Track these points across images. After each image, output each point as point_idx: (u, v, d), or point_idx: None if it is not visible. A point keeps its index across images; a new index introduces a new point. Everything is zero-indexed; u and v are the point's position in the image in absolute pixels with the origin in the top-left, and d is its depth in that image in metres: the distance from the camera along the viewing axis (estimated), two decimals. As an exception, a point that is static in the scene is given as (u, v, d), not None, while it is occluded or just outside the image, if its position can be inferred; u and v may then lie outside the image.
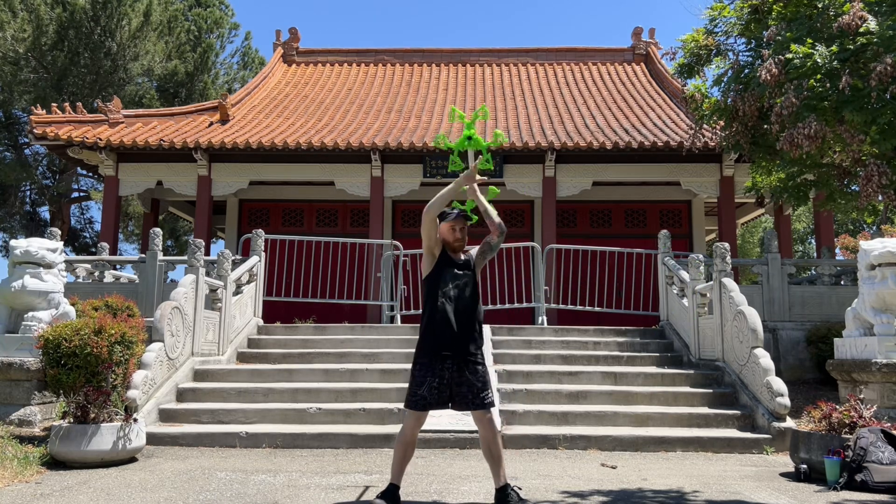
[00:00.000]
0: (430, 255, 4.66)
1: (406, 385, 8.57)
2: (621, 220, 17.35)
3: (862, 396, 6.29)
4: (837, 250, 14.24)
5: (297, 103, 18.91)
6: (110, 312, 9.03)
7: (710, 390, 8.46)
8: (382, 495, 4.55)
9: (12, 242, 7.84)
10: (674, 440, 7.20)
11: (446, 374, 4.51)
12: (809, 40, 7.84)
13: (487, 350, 9.80)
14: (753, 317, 8.14)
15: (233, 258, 10.98)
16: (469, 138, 4.78)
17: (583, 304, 13.19)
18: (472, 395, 4.50)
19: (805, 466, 5.84)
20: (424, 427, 7.17)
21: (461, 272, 4.65)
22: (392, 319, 12.89)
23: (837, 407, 6.09)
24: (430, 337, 4.56)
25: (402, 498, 4.64)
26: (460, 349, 4.52)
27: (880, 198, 8.39)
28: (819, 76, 7.77)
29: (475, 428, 7.18)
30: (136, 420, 6.31)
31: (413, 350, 10.25)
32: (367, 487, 5.36)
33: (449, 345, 4.51)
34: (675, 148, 14.36)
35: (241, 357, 9.98)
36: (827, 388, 9.84)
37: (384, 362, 9.50)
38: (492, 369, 8.90)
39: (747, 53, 9.49)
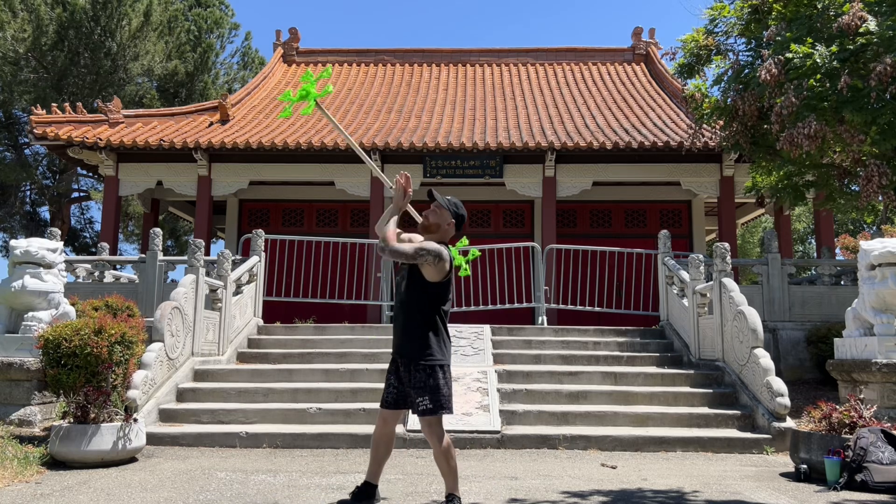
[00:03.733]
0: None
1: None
2: (621, 220, 17.34)
3: (862, 396, 6.29)
4: (837, 250, 14.25)
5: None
6: (110, 312, 9.02)
7: (710, 390, 8.46)
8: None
9: (12, 242, 7.84)
10: (674, 440, 7.19)
11: (401, 373, 4.39)
12: (809, 40, 7.85)
13: (487, 350, 9.80)
14: (753, 317, 8.14)
15: (233, 258, 10.98)
16: (307, 93, 4.63)
17: (583, 304, 13.19)
18: (413, 399, 4.32)
19: (805, 466, 5.84)
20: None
21: (403, 268, 4.46)
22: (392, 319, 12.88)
23: (837, 407, 6.09)
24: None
25: (403, 498, 4.63)
26: (401, 351, 4.37)
27: (880, 198, 8.40)
28: (819, 76, 7.78)
29: (476, 428, 7.22)
30: (136, 420, 6.30)
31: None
32: None
33: (395, 345, 4.43)
34: (675, 148, 14.37)
35: (242, 357, 9.98)
36: (827, 388, 9.84)
37: (384, 362, 9.48)
38: (491, 369, 8.90)
39: (747, 53, 9.50)
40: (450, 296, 4.42)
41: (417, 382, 4.28)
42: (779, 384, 7.48)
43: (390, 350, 9.81)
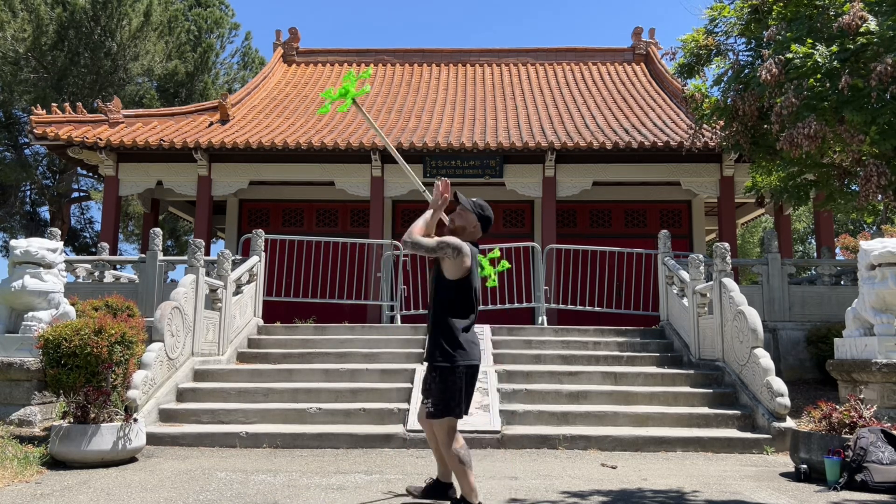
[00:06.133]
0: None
1: (405, 385, 8.62)
2: (621, 220, 17.35)
3: (862, 396, 6.29)
4: (837, 250, 14.24)
5: (297, 103, 18.91)
6: (110, 312, 9.02)
7: (710, 390, 8.45)
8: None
9: (12, 242, 7.83)
10: (674, 440, 7.19)
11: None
12: (809, 40, 7.84)
13: (488, 350, 9.80)
14: (753, 317, 8.14)
15: (233, 258, 10.98)
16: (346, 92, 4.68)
17: (583, 304, 13.19)
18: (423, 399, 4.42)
19: (805, 466, 5.84)
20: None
21: (434, 268, 4.49)
22: (392, 319, 12.89)
23: (837, 407, 6.09)
24: None
25: (401, 498, 4.63)
26: (427, 350, 4.44)
27: (880, 198, 8.40)
28: (819, 76, 7.77)
29: (476, 428, 7.21)
30: (136, 420, 6.30)
31: (413, 350, 10.20)
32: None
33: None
34: (675, 148, 14.37)
35: (242, 357, 9.98)
36: (827, 388, 9.84)
37: (384, 362, 9.50)
38: (492, 369, 8.90)
39: (747, 53, 9.49)
40: (473, 294, 4.39)
41: (429, 383, 4.37)
42: (779, 384, 7.47)
43: (390, 350, 9.91)
